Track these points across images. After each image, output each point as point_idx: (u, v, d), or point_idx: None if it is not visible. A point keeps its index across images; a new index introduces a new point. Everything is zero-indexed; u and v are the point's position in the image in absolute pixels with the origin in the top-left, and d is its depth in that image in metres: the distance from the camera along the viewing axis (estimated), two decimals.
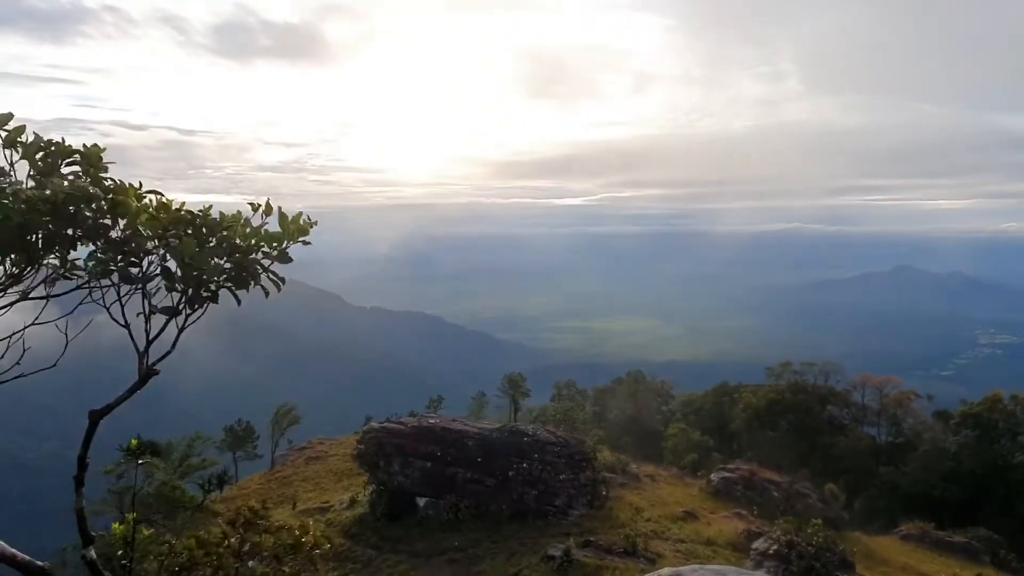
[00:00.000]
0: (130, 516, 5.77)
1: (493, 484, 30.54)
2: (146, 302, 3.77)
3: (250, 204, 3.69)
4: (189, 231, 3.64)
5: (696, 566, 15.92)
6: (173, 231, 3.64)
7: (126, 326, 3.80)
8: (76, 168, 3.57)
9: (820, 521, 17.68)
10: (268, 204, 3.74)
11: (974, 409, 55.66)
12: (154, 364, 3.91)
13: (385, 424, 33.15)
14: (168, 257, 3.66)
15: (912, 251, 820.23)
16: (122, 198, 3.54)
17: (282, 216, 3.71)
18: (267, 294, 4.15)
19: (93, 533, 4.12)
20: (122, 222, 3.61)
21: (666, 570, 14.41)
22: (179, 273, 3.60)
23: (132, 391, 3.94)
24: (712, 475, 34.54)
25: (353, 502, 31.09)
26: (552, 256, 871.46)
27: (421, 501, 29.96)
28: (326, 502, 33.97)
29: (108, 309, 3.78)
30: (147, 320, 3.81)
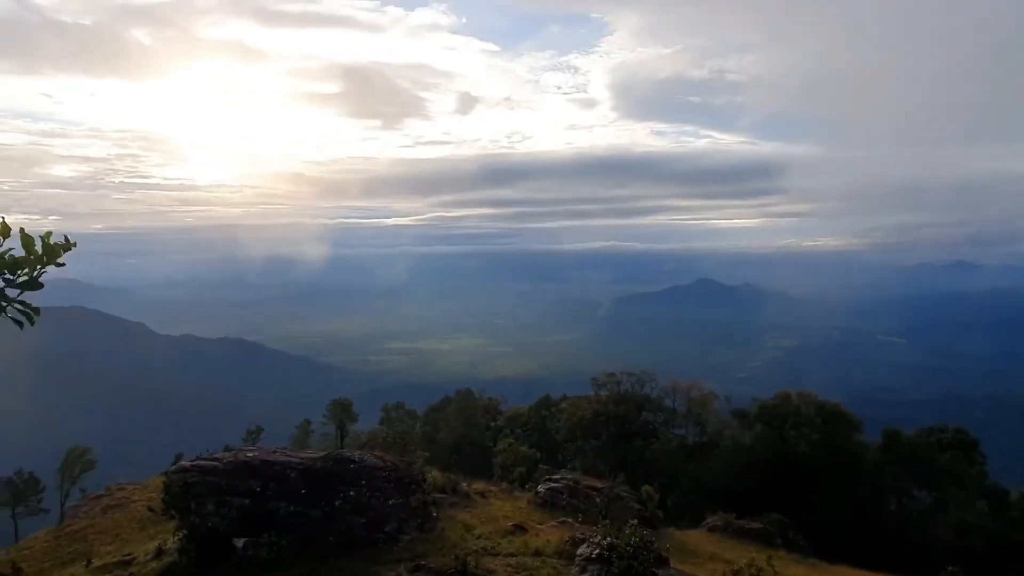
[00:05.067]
0: None
1: (319, 516, 29.08)
2: None
3: None
4: None
5: None
6: None
7: None
8: None
9: (636, 522, 18.68)
10: (4, 225, 3.24)
11: (767, 406, 62.14)
12: None
13: (196, 461, 30.54)
14: None
15: (711, 265, 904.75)
16: None
17: (25, 238, 3.23)
18: (21, 326, 3.61)
19: None
20: None
21: None
22: None
23: None
24: (539, 487, 35.40)
25: (160, 552, 28.28)
26: (379, 277, 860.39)
27: (239, 542, 27.83)
28: (128, 555, 30.63)
29: None
30: None
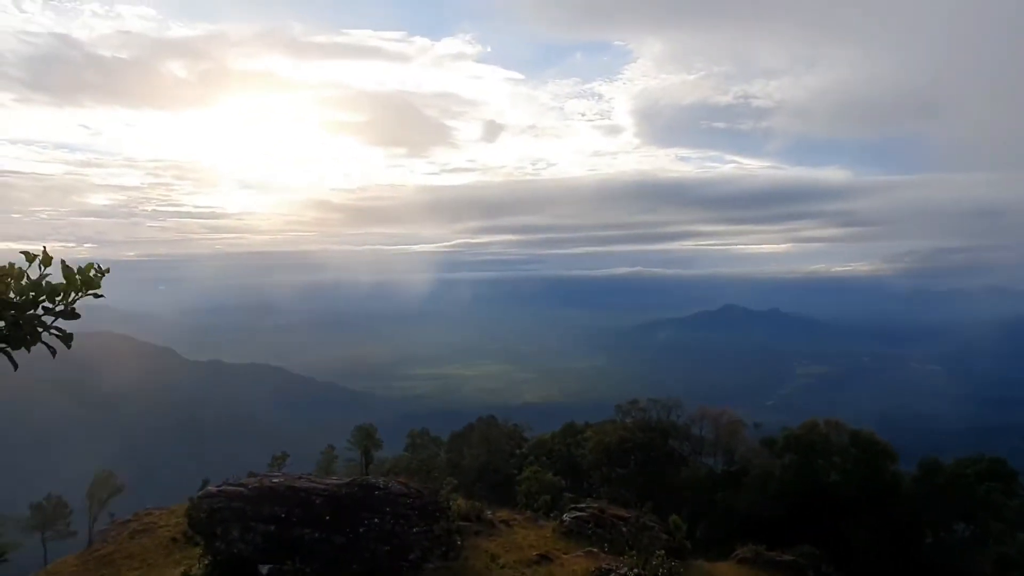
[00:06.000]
0: None
1: (343, 543, 29.00)
2: None
3: (24, 253, 3.27)
4: None
5: None
6: None
7: None
8: None
9: (663, 552, 18.35)
10: (46, 254, 3.33)
11: (795, 434, 60.95)
12: None
13: (222, 487, 30.68)
14: None
15: (737, 291, 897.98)
16: None
17: (65, 268, 3.31)
18: (54, 353, 3.69)
19: None
20: None
21: None
22: None
23: None
24: (564, 516, 34.96)
25: None
26: (405, 303, 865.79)
27: (264, 568, 27.81)
28: None
29: None
30: None
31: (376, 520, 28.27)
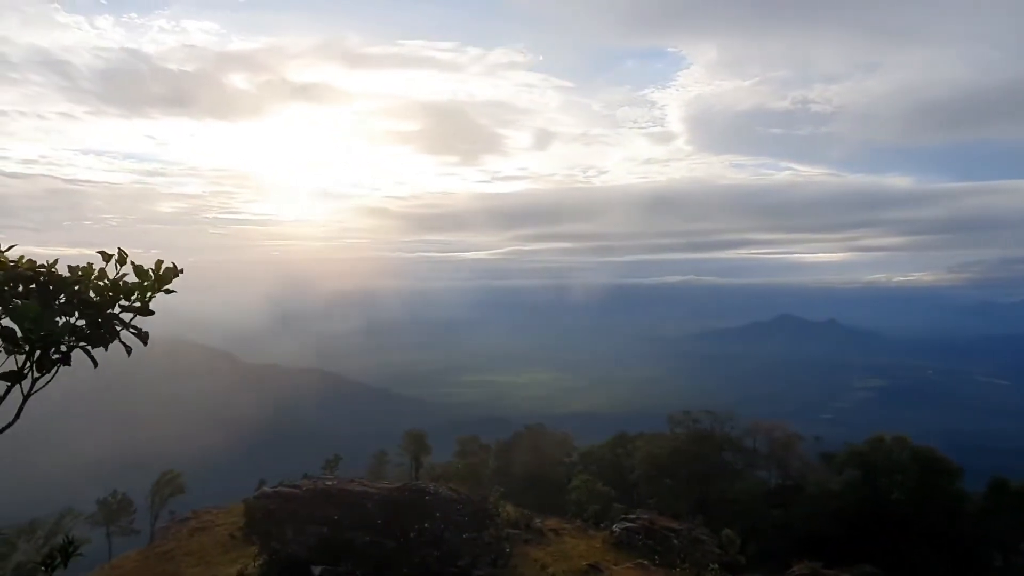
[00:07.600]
0: None
1: (394, 547, 29.29)
2: None
3: (100, 253, 3.40)
4: (32, 287, 3.29)
5: None
6: (9, 288, 3.25)
7: None
8: None
9: (717, 567, 17.96)
10: (122, 253, 3.46)
11: (859, 450, 59.00)
12: None
13: (278, 488, 31.40)
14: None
15: (793, 301, 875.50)
16: None
17: (137, 267, 3.43)
18: (129, 352, 3.83)
19: None
20: None
21: None
22: (20, 334, 3.22)
23: None
24: (614, 526, 34.57)
25: None
26: (455, 310, 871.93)
27: (316, 569, 28.32)
28: None
29: None
30: None
31: (427, 525, 28.45)
